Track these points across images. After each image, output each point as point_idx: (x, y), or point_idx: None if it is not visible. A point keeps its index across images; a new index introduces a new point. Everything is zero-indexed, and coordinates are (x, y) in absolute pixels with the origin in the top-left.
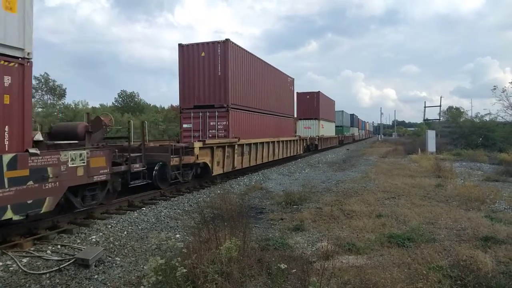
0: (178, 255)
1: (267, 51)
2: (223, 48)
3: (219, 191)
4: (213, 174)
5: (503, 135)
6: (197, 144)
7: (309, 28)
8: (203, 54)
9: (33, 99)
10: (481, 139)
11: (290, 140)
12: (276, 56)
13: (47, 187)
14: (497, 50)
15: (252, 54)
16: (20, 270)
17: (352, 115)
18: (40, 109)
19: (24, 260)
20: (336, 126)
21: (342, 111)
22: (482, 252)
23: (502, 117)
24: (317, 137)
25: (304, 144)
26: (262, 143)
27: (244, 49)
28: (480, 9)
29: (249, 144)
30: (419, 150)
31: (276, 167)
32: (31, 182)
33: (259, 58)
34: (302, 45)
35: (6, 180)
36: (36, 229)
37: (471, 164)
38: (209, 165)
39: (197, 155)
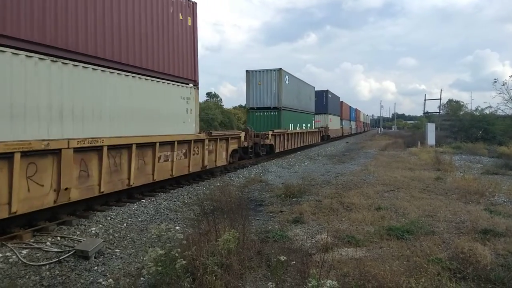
0: (178, 247)
1: (266, 43)
2: None
3: (218, 184)
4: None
5: (503, 128)
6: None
7: (308, 21)
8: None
9: None
10: (480, 132)
11: None
12: (275, 49)
13: None
14: (496, 43)
15: None
16: (20, 262)
17: (324, 93)
18: None
19: (24, 251)
20: (259, 109)
21: (288, 75)
22: (481, 244)
23: (502, 110)
24: None
25: None
26: None
27: None
28: (478, 1)
29: None
30: (419, 143)
31: (275, 160)
32: None
33: None
34: (301, 37)
35: None
36: (35, 220)
37: (471, 157)
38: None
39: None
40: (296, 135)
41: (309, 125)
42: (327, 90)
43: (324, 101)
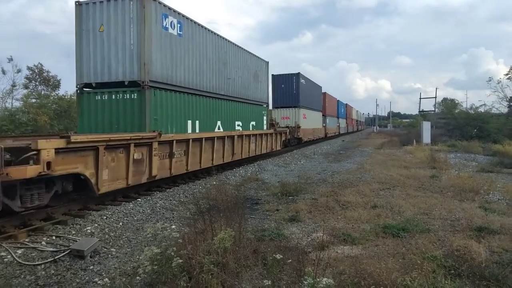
0: (174, 245)
1: (261, 42)
2: None
3: (214, 182)
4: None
5: (498, 126)
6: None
7: (303, 19)
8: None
9: (26, 90)
10: (475, 130)
11: None
12: (271, 47)
13: None
14: (490, 41)
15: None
16: (15, 261)
17: (294, 78)
18: (34, 100)
19: (19, 251)
20: (103, 87)
21: (174, 17)
22: (476, 242)
23: (497, 108)
24: None
25: None
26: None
27: None
28: (472, 1)
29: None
30: (414, 141)
31: (272, 158)
32: None
33: None
34: (296, 36)
35: None
36: (30, 220)
37: (466, 155)
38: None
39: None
40: (208, 143)
41: (253, 123)
42: (298, 73)
43: (294, 89)
